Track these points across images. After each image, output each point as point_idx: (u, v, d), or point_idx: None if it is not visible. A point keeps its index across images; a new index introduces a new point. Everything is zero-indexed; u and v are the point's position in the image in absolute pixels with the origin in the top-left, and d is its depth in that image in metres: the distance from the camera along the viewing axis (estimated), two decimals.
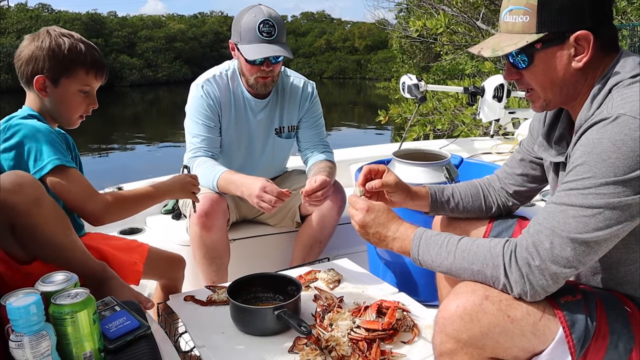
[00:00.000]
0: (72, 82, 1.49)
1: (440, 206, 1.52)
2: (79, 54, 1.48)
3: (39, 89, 1.47)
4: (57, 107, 1.51)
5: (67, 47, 1.46)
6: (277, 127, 2.23)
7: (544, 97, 1.20)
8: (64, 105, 1.51)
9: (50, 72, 1.46)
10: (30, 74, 1.47)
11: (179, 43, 43.74)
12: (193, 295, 1.63)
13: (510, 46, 1.14)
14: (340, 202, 2.16)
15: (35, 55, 1.46)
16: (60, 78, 1.47)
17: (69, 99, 1.50)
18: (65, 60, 1.46)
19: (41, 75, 1.46)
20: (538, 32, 1.12)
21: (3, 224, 1.24)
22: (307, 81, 2.28)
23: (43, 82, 1.47)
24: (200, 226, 1.95)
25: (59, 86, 1.48)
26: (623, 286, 1.17)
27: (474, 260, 1.11)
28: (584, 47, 1.11)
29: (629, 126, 0.99)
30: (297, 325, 1.35)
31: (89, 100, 1.54)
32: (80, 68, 1.49)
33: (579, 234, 1.02)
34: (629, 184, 0.99)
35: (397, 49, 15.27)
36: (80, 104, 1.53)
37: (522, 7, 1.13)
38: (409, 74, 3.26)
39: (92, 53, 1.52)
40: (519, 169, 1.48)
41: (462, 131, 5.20)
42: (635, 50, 4.03)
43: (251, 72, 2.05)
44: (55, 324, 1.03)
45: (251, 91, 2.15)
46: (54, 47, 1.45)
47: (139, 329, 1.15)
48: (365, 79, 44.46)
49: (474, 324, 1.07)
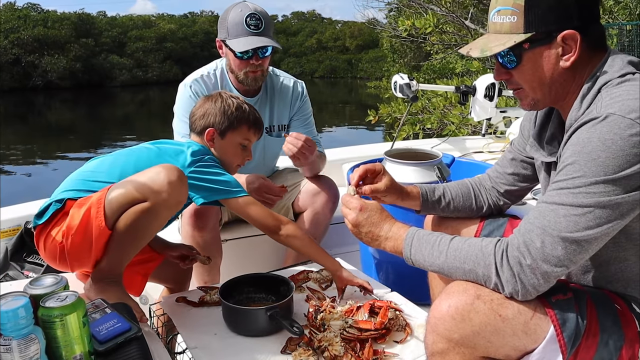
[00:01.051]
0: (236, 136, 1.71)
1: (432, 206, 1.53)
2: (244, 112, 1.72)
3: (208, 140, 1.69)
4: (220, 156, 1.71)
5: (235, 106, 1.71)
6: (267, 125, 2.23)
7: (533, 96, 1.21)
8: (226, 155, 1.72)
9: (220, 126, 1.69)
10: (203, 127, 1.70)
11: (169, 43, 43.62)
12: (185, 297, 1.62)
13: (499, 46, 1.15)
14: (333, 199, 2.17)
15: (209, 112, 1.70)
16: (227, 131, 1.70)
17: (232, 150, 1.72)
18: (232, 117, 1.70)
19: (212, 128, 1.68)
20: (525, 32, 1.13)
21: (135, 198, 1.36)
22: (296, 81, 2.30)
23: (212, 134, 1.68)
24: (192, 226, 1.94)
25: (224, 138, 1.70)
26: (613, 284, 1.18)
27: (466, 259, 1.11)
28: (571, 47, 1.12)
29: (619, 125, 1.00)
30: (289, 326, 1.35)
31: (245, 153, 1.76)
32: (244, 124, 1.72)
33: (570, 232, 1.02)
34: (619, 182, 1.00)
35: (387, 48, 15.30)
36: (239, 155, 1.75)
37: (510, 7, 1.14)
38: (400, 74, 3.27)
39: (254, 113, 1.76)
40: (510, 169, 1.49)
41: (451, 130, 5.23)
42: (624, 49, 4.05)
43: (240, 67, 2.06)
44: (44, 327, 1.02)
45: (240, 88, 2.16)
46: (225, 106, 1.70)
47: (130, 331, 1.14)
48: (357, 78, 44.56)
49: (466, 323, 1.07)
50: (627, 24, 4.27)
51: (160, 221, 1.43)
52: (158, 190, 1.35)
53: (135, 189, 1.37)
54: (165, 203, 1.37)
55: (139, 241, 1.43)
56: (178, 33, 46.19)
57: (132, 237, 1.40)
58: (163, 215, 1.41)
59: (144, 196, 1.36)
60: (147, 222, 1.39)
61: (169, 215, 1.44)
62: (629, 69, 1.10)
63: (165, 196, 1.36)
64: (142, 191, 1.36)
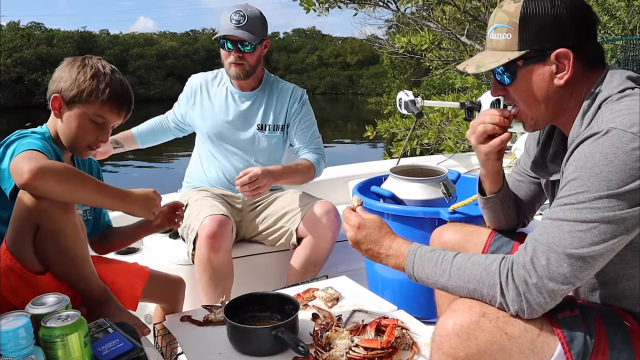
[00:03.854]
0: (85, 109, 1.48)
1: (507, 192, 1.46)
2: (100, 83, 1.48)
3: (55, 108, 1.48)
4: (67, 131, 1.50)
5: (91, 74, 1.47)
6: (259, 123, 2.30)
7: (530, 115, 1.23)
8: (72, 130, 1.50)
9: (67, 93, 1.46)
10: (52, 93, 1.49)
11: (170, 60, 43.93)
12: (190, 316, 1.61)
13: (493, 63, 1.17)
14: (334, 226, 2.17)
15: (61, 76, 1.48)
16: (75, 102, 1.47)
17: (79, 125, 1.49)
18: (84, 85, 1.46)
19: (58, 95, 1.47)
20: (520, 49, 1.15)
21: (29, 224, 1.28)
22: (297, 87, 2.39)
23: (59, 103, 1.48)
24: (209, 248, 1.94)
25: (72, 109, 1.48)
26: (622, 301, 1.17)
27: (470, 278, 1.10)
28: (564, 65, 1.13)
29: (620, 139, 1.00)
30: (294, 345, 1.34)
31: (99, 133, 1.52)
32: (97, 97, 1.48)
33: (575, 249, 1.01)
34: (623, 197, 0.99)
35: (387, 64, 15.41)
36: (89, 133, 1.51)
37: (505, 25, 1.16)
38: (405, 90, 3.27)
39: (115, 86, 1.50)
40: (520, 192, 1.49)
41: (448, 145, 5.27)
42: (620, 63, 4.06)
43: (225, 58, 2.23)
44: (45, 347, 1.01)
45: (235, 84, 2.31)
46: (79, 72, 1.47)
47: (132, 352, 1.14)
48: (358, 94, 44.71)
49: (471, 341, 1.06)
50: (620, 40, 4.29)
51: (70, 223, 1.31)
52: (40, 207, 1.25)
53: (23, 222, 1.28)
54: (51, 210, 1.27)
55: (77, 257, 1.36)
56: (180, 50, 46.57)
57: (69, 260, 1.34)
58: (63, 218, 1.29)
59: (35, 221, 1.27)
60: (64, 239, 1.31)
61: (68, 210, 1.31)
62: (628, 84, 1.11)
63: (47, 205, 1.26)
64: (30, 218, 1.27)
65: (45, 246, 1.31)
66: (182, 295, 1.81)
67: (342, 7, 6.77)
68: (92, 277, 1.42)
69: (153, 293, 1.71)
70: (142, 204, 1.48)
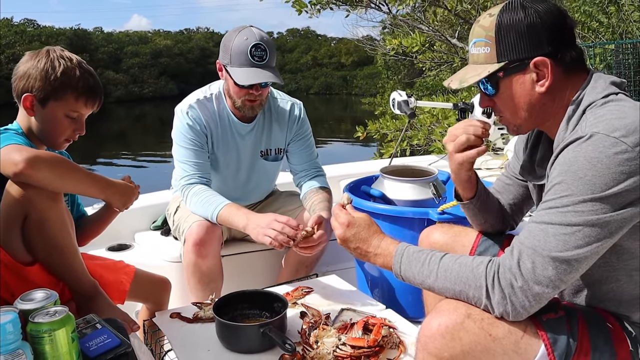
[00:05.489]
0: (59, 106, 1.46)
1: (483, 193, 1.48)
2: (71, 79, 1.45)
3: (27, 107, 1.45)
4: (42, 127, 1.48)
5: (61, 70, 1.44)
6: (263, 149, 2.20)
7: (513, 122, 1.25)
8: (48, 126, 1.48)
9: (39, 93, 1.44)
10: (21, 91, 1.45)
11: (164, 59, 43.82)
12: (179, 312, 1.62)
13: (474, 77, 1.20)
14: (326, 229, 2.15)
15: (29, 73, 1.44)
16: (49, 100, 1.45)
17: (55, 122, 1.48)
18: (56, 83, 1.43)
19: (30, 94, 1.44)
20: (499, 61, 1.17)
21: (17, 214, 1.28)
22: (294, 103, 2.25)
23: (31, 102, 1.45)
24: (196, 254, 1.91)
25: (46, 108, 1.46)
26: (605, 303, 1.18)
27: (457, 280, 1.11)
28: (544, 72, 1.15)
29: (603, 144, 1.01)
30: (282, 343, 1.35)
31: (75, 126, 1.51)
32: (71, 93, 1.45)
33: (560, 252, 1.03)
34: (607, 201, 1.01)
35: (381, 65, 15.43)
36: (66, 129, 1.50)
37: (483, 39, 1.19)
38: (398, 91, 3.27)
39: (87, 79, 1.48)
40: (507, 194, 1.51)
41: (437, 147, 5.30)
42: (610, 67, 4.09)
43: (239, 95, 2.00)
44: (32, 342, 1.02)
45: (237, 114, 2.10)
46: (48, 68, 1.43)
47: (120, 347, 1.13)
48: (352, 94, 44.74)
49: (456, 342, 1.07)
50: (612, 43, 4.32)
51: (57, 213, 1.32)
52: (27, 197, 1.26)
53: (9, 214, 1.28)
54: (38, 199, 1.27)
55: (65, 247, 1.36)
56: (174, 49, 46.45)
57: (57, 250, 1.34)
58: (50, 207, 1.31)
59: (22, 212, 1.28)
60: (51, 228, 1.31)
61: (55, 199, 1.32)
62: (611, 89, 1.13)
63: (34, 195, 1.26)
64: (17, 208, 1.27)
65: (32, 236, 1.31)
66: (167, 296, 1.81)
67: (334, 9, 6.75)
68: (82, 272, 1.42)
69: (138, 292, 1.70)
70: (121, 195, 1.55)
